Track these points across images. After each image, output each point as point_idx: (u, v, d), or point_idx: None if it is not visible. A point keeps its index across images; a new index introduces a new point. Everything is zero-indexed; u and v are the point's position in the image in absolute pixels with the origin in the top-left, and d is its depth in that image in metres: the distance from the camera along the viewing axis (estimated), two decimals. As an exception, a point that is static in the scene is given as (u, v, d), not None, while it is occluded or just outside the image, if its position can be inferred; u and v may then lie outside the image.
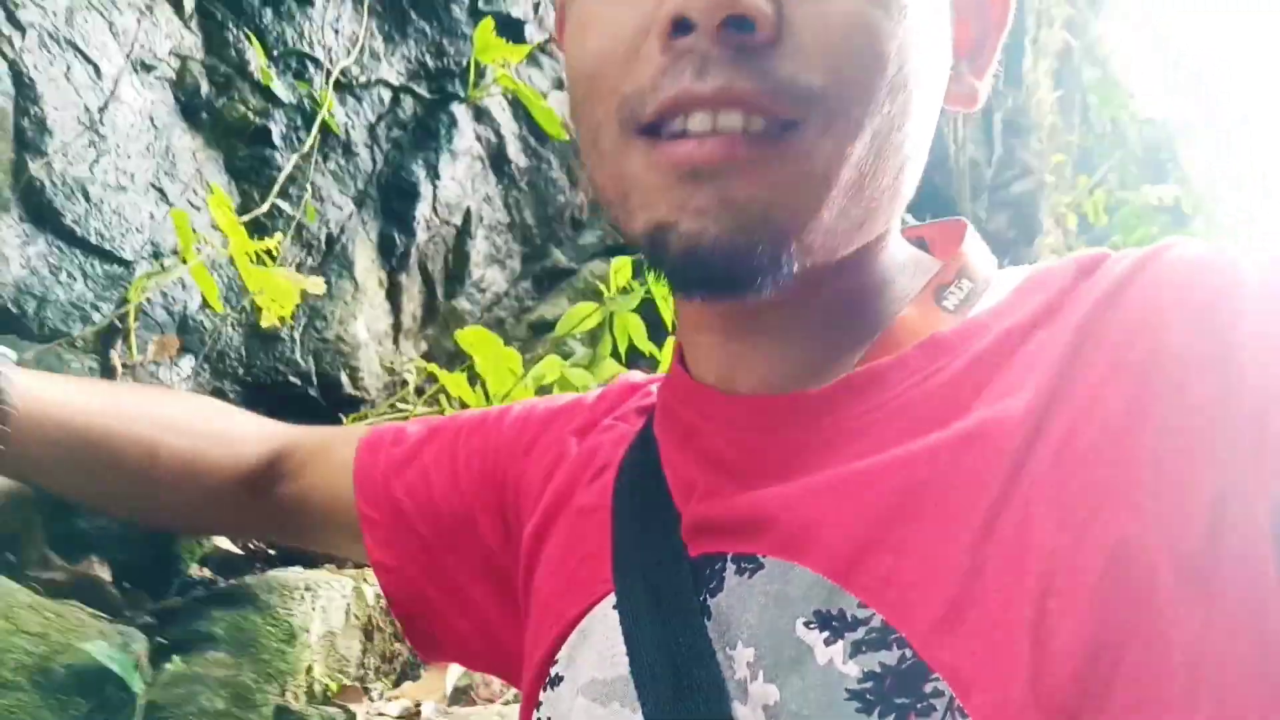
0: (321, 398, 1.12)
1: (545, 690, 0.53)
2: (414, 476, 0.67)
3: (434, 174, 1.26)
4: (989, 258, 0.52)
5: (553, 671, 0.53)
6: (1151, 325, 0.41)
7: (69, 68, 0.92)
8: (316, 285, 0.87)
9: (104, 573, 0.74)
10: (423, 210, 1.26)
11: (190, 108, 1.05)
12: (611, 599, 0.50)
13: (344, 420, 1.14)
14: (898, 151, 0.45)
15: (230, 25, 1.08)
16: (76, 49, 0.93)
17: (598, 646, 0.50)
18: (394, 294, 1.25)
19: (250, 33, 1.06)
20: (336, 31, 1.17)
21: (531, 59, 1.40)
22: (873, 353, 0.48)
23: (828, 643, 0.40)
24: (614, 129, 0.44)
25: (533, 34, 1.37)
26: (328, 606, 0.79)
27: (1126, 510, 0.36)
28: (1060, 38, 2.81)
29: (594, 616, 0.52)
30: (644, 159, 0.43)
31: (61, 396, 0.63)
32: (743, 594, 0.44)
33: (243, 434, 0.72)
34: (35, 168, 0.88)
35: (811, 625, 0.41)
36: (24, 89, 0.89)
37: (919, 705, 0.37)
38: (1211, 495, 0.36)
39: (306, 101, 1.12)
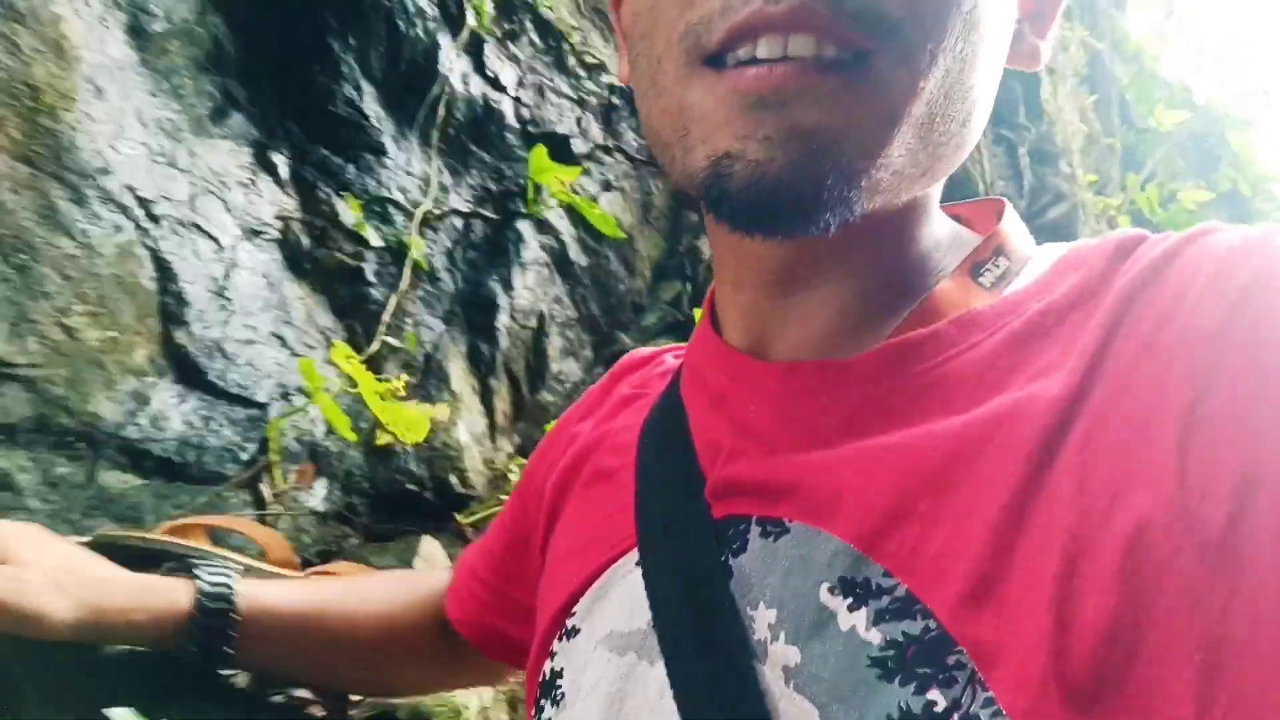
0: (436, 499, 1.24)
1: (560, 641, 0.53)
2: (488, 538, 0.73)
3: (508, 286, 1.40)
4: (1026, 236, 0.52)
5: (569, 623, 0.53)
6: (1185, 308, 0.39)
7: (196, 245, 1.08)
8: (442, 411, 1.00)
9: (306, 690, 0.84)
10: (502, 320, 1.39)
11: (295, 260, 1.20)
12: (633, 555, 0.50)
13: (456, 516, 1.26)
14: (966, 95, 0.44)
15: (320, 184, 1.23)
16: (199, 228, 1.09)
17: (618, 600, 0.50)
18: (486, 397, 1.38)
19: (339, 189, 1.21)
20: (409, 174, 1.32)
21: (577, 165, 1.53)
22: (907, 324, 0.47)
23: (851, 609, 0.39)
24: (676, 61, 0.43)
25: (579, 146, 1.51)
26: (481, 688, 0.91)
27: (1149, 491, 0.36)
28: (1085, 50, 2.88)
29: (615, 571, 0.51)
30: (707, 89, 0.42)
31: (274, 597, 0.71)
32: (766, 556, 0.44)
33: (428, 588, 0.78)
34: (180, 336, 1.03)
35: (835, 591, 0.40)
36: (164, 270, 1.04)
37: (941, 676, 0.36)
38: (1237, 479, 0.34)
39: (391, 240, 1.26)
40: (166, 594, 0.67)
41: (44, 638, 0.61)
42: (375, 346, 1.14)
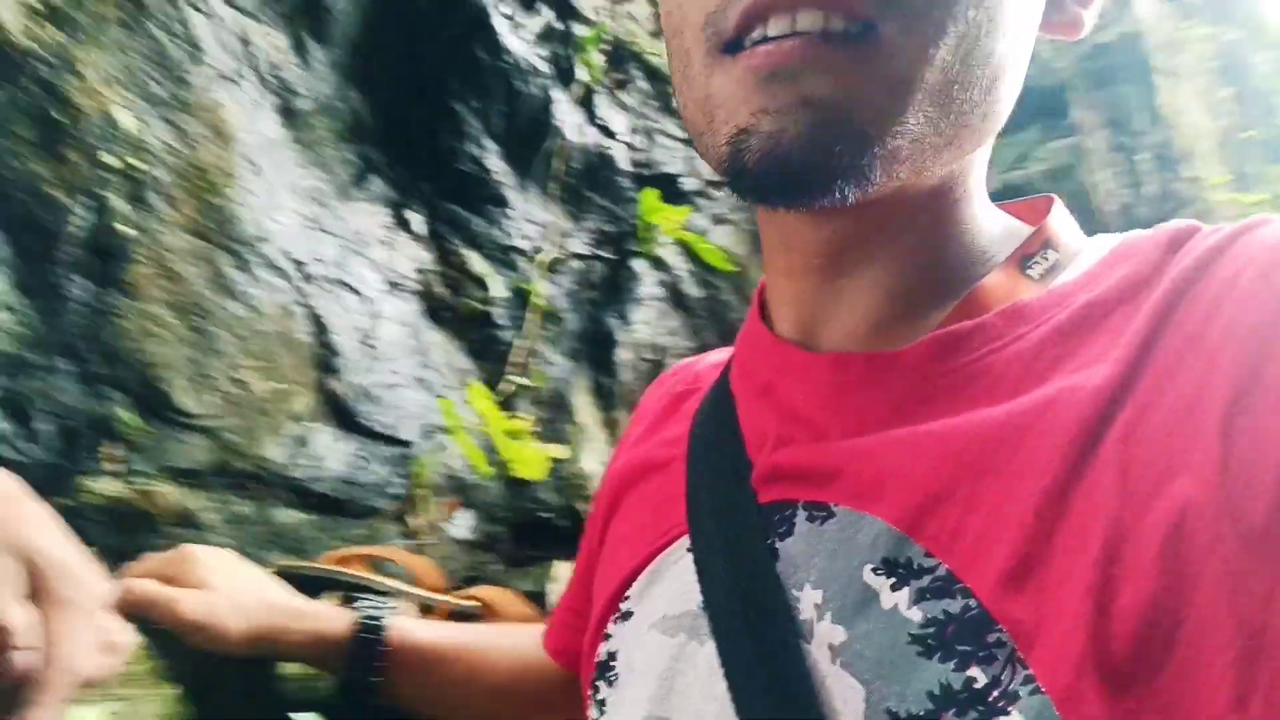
0: (568, 525, 1.32)
1: (614, 624, 0.54)
2: (577, 569, 0.75)
3: (626, 322, 1.47)
4: (1076, 229, 0.52)
5: (623, 607, 0.54)
6: (1233, 300, 0.39)
7: (344, 301, 1.18)
8: (562, 451, 1.08)
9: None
10: (622, 354, 1.46)
11: (433, 310, 1.30)
12: (684, 541, 0.51)
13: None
14: (986, 62, 0.43)
15: (452, 238, 1.33)
16: (347, 285, 1.20)
17: (669, 584, 0.51)
18: (610, 428, 1.45)
19: (469, 241, 1.31)
20: (532, 222, 1.41)
21: (689, 203, 1.60)
22: (954, 316, 0.47)
23: (894, 588, 0.40)
24: (700, 51, 0.45)
25: (689, 184, 1.58)
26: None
27: (1192, 478, 0.36)
28: (1213, 45, 2.79)
29: (667, 557, 0.53)
30: (726, 73, 0.43)
31: (420, 634, 0.76)
32: (812, 539, 0.45)
33: None
34: (333, 384, 1.14)
35: (879, 571, 0.41)
36: (318, 325, 1.15)
37: (980, 654, 0.37)
38: None
39: (518, 285, 1.35)
40: (328, 621, 0.75)
41: (226, 652, 0.70)
42: (509, 386, 1.23)
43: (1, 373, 0.94)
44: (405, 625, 0.76)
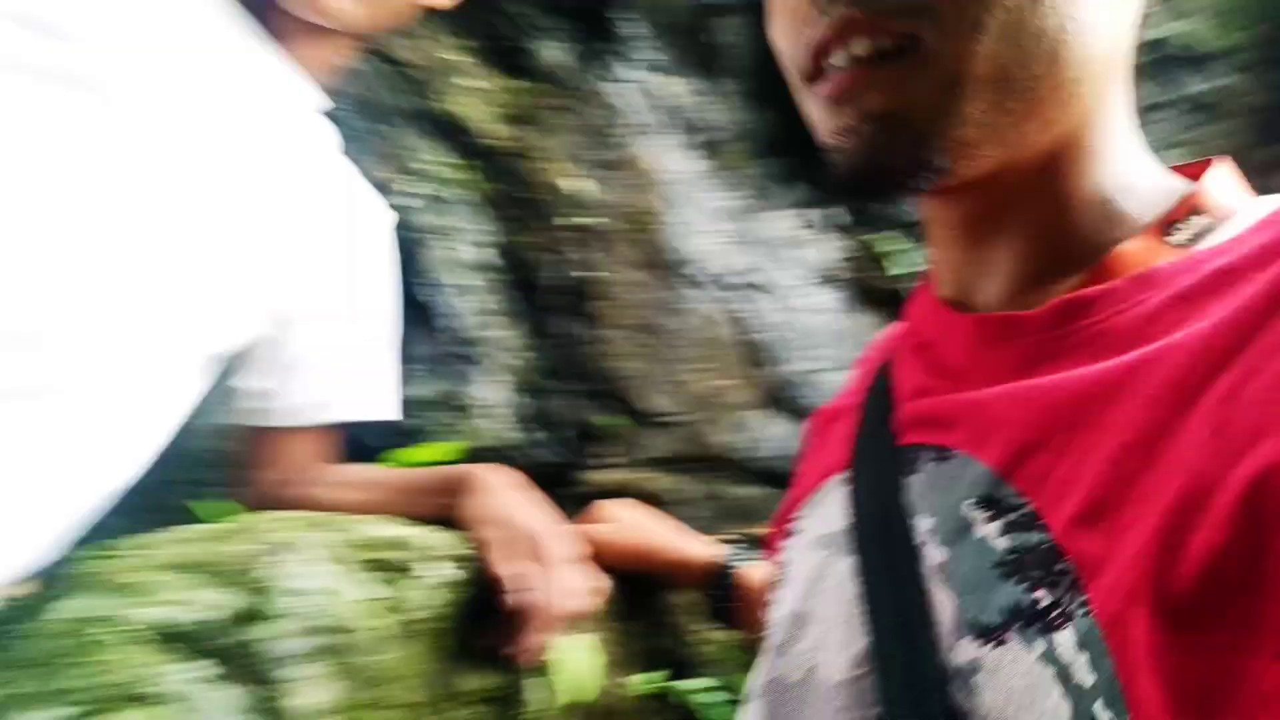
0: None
1: (787, 539, 0.65)
2: None
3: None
4: (1238, 193, 0.52)
5: (792, 527, 0.65)
6: None
7: (769, 301, 1.35)
8: None
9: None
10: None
11: (856, 295, 1.42)
12: (842, 475, 0.61)
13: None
14: (1039, 39, 0.46)
15: (863, 225, 1.44)
16: (769, 287, 1.36)
17: (827, 509, 0.61)
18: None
19: (879, 225, 1.41)
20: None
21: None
22: (1087, 280, 0.50)
23: (987, 521, 0.47)
24: (797, 84, 0.53)
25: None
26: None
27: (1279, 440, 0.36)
28: None
29: (829, 486, 0.63)
30: (813, 101, 0.51)
31: (757, 578, 0.92)
32: (932, 477, 0.52)
33: None
34: (766, 374, 1.31)
35: (976, 506, 0.48)
36: (746, 326, 1.33)
37: (1047, 579, 0.42)
38: None
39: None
40: (694, 552, 0.96)
41: (616, 565, 0.95)
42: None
43: (531, 396, 1.25)
44: (753, 568, 0.93)
